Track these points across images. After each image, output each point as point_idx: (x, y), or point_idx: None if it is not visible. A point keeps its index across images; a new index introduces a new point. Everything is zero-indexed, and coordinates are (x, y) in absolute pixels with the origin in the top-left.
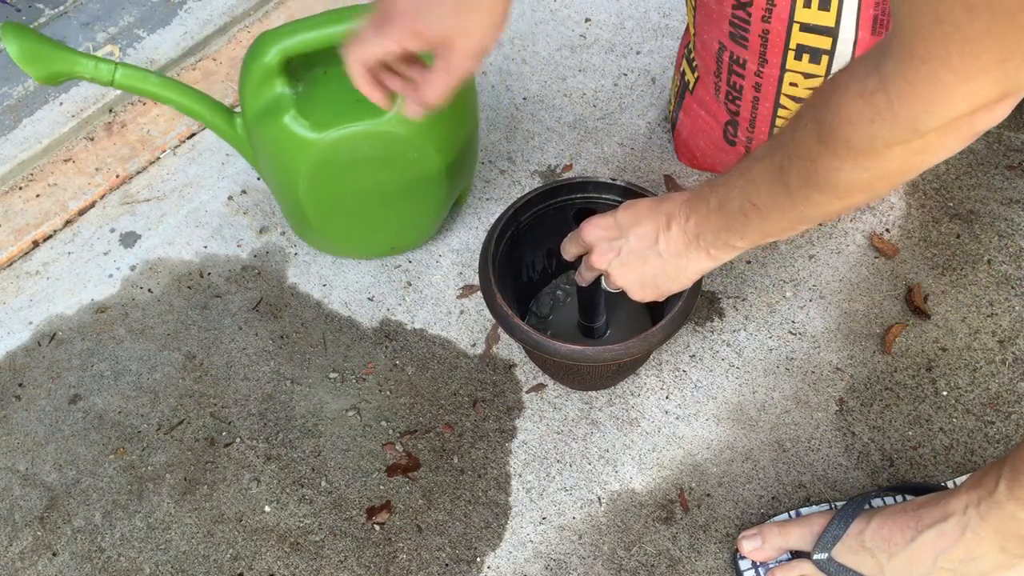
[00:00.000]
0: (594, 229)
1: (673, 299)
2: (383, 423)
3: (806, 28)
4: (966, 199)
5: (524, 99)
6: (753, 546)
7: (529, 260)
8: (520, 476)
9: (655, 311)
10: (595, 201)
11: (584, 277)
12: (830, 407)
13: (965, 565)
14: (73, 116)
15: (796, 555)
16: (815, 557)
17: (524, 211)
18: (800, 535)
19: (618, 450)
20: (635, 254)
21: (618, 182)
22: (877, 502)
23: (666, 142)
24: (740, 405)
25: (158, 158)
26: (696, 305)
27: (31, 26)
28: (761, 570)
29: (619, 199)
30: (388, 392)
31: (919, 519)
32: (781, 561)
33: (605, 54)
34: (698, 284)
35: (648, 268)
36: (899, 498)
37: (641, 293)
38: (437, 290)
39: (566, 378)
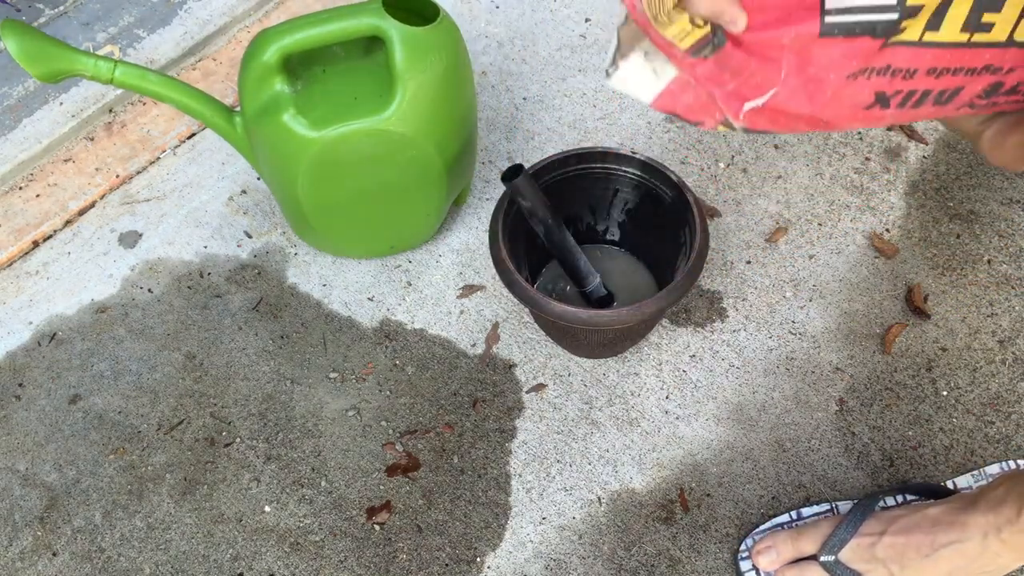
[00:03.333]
0: None
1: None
2: (383, 423)
3: None
4: (966, 199)
5: (524, 99)
6: (769, 559)
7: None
8: (520, 476)
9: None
10: (614, 173)
11: None
12: (830, 407)
13: (981, 575)
14: (73, 116)
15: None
16: (822, 559)
17: (542, 175)
18: (810, 540)
19: (618, 450)
20: None
21: (638, 156)
22: (882, 503)
23: (666, 142)
24: (740, 405)
25: (158, 158)
26: (691, 288)
27: (31, 26)
28: (762, 571)
29: (638, 172)
30: (388, 392)
31: (935, 536)
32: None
33: (605, 54)
34: (701, 261)
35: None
36: (899, 498)
37: None
38: (437, 290)
39: (565, 341)
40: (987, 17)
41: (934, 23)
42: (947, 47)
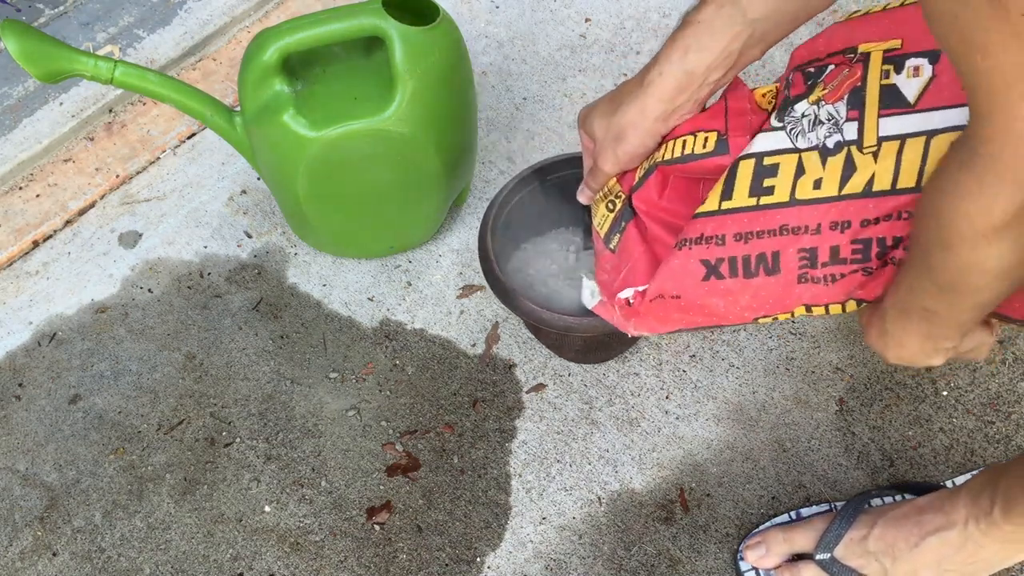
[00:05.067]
0: None
1: None
2: (383, 423)
3: None
4: None
5: (524, 99)
6: (758, 555)
7: None
8: (520, 476)
9: None
10: None
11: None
12: (830, 407)
13: (969, 567)
14: (73, 116)
15: (798, 555)
16: (818, 557)
17: (544, 174)
18: (804, 538)
19: (618, 450)
20: None
21: None
22: (876, 501)
23: None
24: (740, 405)
25: (158, 158)
26: None
27: (31, 26)
28: (762, 571)
29: None
30: (388, 392)
31: (922, 526)
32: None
33: (605, 54)
34: None
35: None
36: (898, 497)
37: None
38: (437, 290)
39: (541, 337)
40: (767, 182)
41: (727, 193)
42: (742, 211)
